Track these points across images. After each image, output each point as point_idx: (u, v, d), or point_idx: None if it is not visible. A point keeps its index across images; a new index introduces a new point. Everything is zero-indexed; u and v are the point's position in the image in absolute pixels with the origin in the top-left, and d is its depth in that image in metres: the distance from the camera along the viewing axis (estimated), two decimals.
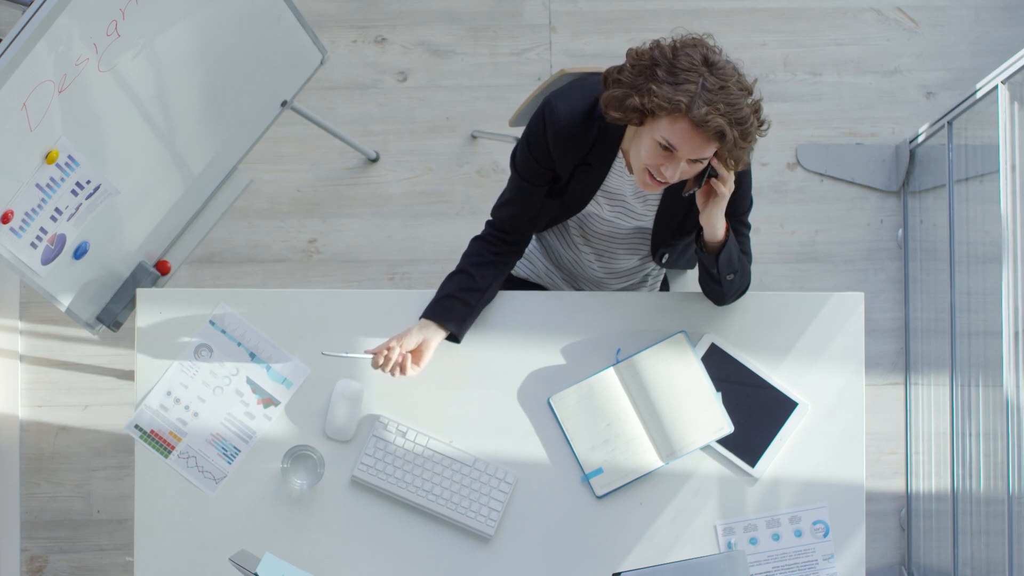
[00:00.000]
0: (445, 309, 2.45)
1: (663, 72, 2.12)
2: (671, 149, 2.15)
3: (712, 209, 2.28)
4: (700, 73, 2.11)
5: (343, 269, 3.43)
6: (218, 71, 2.60)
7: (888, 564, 3.35)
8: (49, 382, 3.37)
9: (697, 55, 2.13)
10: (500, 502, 2.48)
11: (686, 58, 2.12)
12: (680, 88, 2.11)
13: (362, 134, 3.46)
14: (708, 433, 2.49)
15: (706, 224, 2.30)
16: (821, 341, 2.54)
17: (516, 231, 2.48)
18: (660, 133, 2.15)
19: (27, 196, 2.31)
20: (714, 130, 2.10)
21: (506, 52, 3.50)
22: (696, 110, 2.10)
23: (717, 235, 2.33)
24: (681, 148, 2.15)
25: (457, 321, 2.45)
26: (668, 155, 2.17)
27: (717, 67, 2.12)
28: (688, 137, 2.13)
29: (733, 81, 2.13)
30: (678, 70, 2.11)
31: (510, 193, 2.44)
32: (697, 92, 2.10)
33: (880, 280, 3.44)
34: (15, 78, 2.13)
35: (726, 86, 2.11)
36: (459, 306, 2.45)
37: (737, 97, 2.12)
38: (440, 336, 2.44)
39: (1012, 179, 2.75)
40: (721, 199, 2.26)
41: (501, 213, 2.48)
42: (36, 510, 3.33)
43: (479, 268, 2.46)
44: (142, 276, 2.67)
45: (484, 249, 2.48)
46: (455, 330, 2.45)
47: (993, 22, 3.52)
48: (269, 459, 2.50)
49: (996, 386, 2.92)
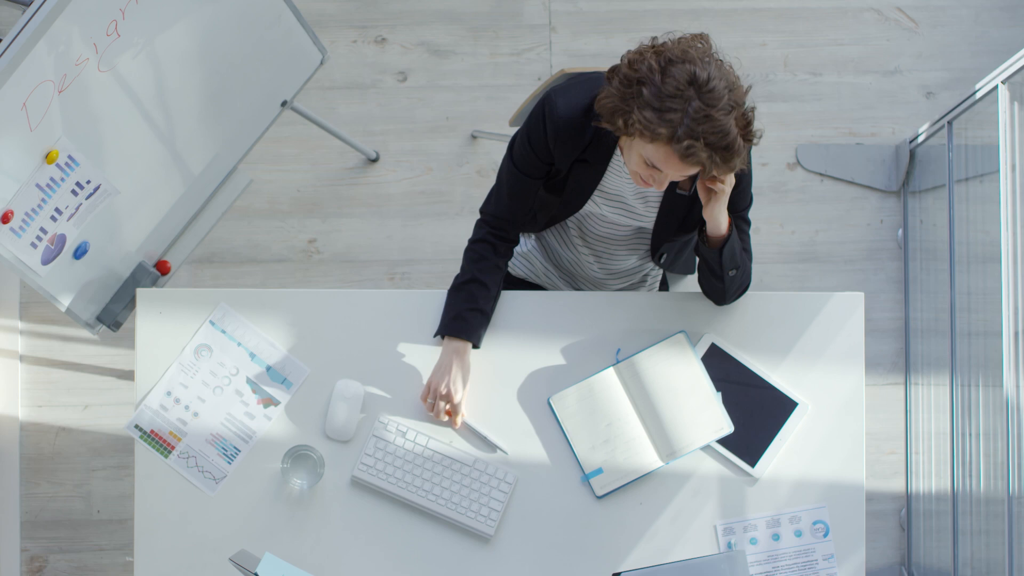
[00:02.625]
0: (468, 323, 2.47)
1: (649, 93, 2.08)
2: (655, 167, 2.16)
3: (714, 204, 2.28)
4: (686, 99, 2.06)
5: (343, 269, 3.43)
6: (218, 71, 2.60)
7: (888, 564, 3.35)
8: (49, 382, 3.37)
9: (685, 74, 2.07)
10: (500, 502, 2.48)
11: (672, 81, 2.07)
12: (663, 117, 2.07)
13: (362, 134, 3.46)
14: (708, 433, 2.49)
15: (709, 218, 2.31)
16: (821, 341, 2.54)
17: (513, 226, 2.48)
18: (644, 152, 2.15)
19: (27, 196, 2.31)
20: (696, 161, 2.10)
21: (506, 52, 3.50)
22: (677, 144, 2.08)
23: (720, 229, 2.33)
24: (664, 169, 2.15)
25: (480, 332, 2.48)
26: (655, 172, 2.17)
27: (706, 88, 2.07)
28: (670, 162, 2.13)
29: (723, 102, 2.07)
30: (664, 95, 2.07)
31: (507, 187, 2.44)
32: (680, 122, 2.06)
33: (880, 280, 3.44)
34: (15, 78, 2.13)
35: (711, 114, 2.06)
36: (479, 316, 2.48)
37: (723, 123, 2.07)
38: (469, 349, 2.48)
39: (1012, 179, 2.75)
40: (722, 194, 2.26)
41: (498, 208, 2.47)
42: (36, 510, 3.33)
43: (488, 275, 2.47)
44: (142, 276, 2.67)
45: (487, 252, 2.48)
46: (478, 341, 2.49)
47: (993, 22, 3.52)
48: (269, 459, 2.50)
49: (996, 386, 2.92)
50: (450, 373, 2.45)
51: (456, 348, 2.46)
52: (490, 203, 2.49)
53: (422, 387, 2.51)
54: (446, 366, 2.45)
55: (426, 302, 2.54)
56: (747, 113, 2.14)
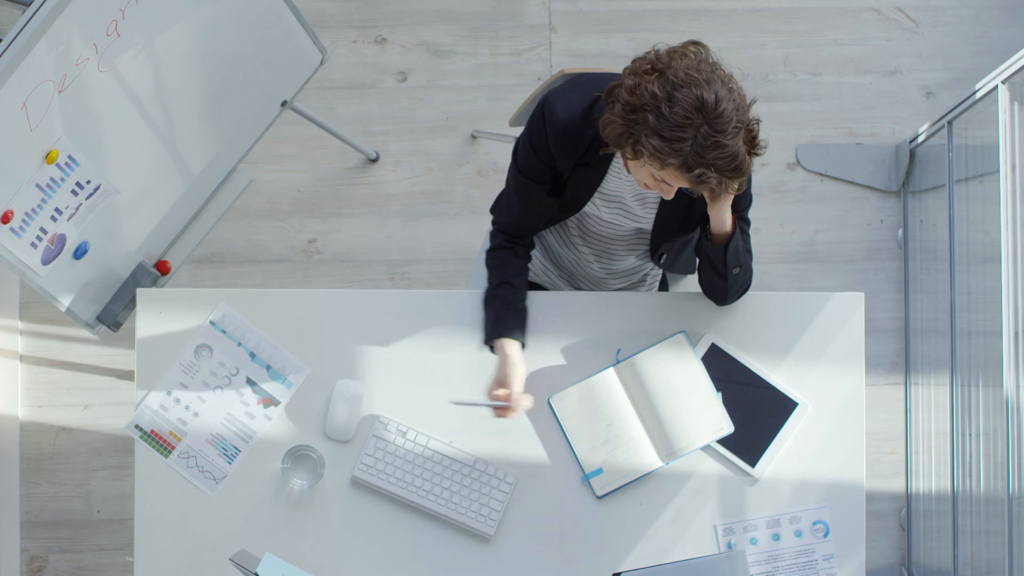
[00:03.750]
0: (505, 324, 2.46)
1: (655, 120, 2.05)
2: (666, 183, 2.16)
3: (719, 203, 2.28)
4: (695, 126, 2.04)
5: (343, 269, 3.43)
6: (218, 71, 2.60)
7: (888, 564, 3.35)
8: (49, 382, 3.37)
9: (691, 99, 2.04)
10: (500, 502, 2.48)
11: (680, 108, 2.04)
12: (673, 147, 2.05)
13: (362, 134, 3.46)
14: (708, 433, 2.49)
15: (714, 216, 2.31)
16: (821, 341, 2.54)
17: (528, 231, 2.49)
18: (654, 171, 2.14)
19: (27, 196, 2.31)
20: (707, 186, 2.10)
21: (506, 52, 3.50)
22: (688, 172, 2.07)
23: (725, 227, 2.33)
24: (676, 185, 2.16)
25: (520, 328, 2.47)
26: (664, 184, 2.17)
27: (714, 113, 2.04)
28: (681, 182, 2.13)
29: (731, 126, 2.05)
30: (671, 124, 2.04)
31: (517, 195, 2.44)
32: (689, 151, 2.05)
33: (880, 280, 3.44)
34: (15, 78, 2.13)
35: (719, 141, 2.04)
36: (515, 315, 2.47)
37: (732, 148, 2.06)
38: (516, 346, 2.46)
39: (1012, 179, 2.75)
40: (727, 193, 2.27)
41: (510, 217, 2.47)
42: (36, 510, 3.33)
43: (515, 277, 2.48)
44: (142, 276, 2.67)
45: (508, 256, 2.48)
46: (523, 336, 2.48)
47: (993, 22, 3.52)
48: (269, 459, 2.50)
49: (996, 386, 2.92)
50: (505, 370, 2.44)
51: (503, 349, 2.46)
52: (501, 212, 2.49)
53: (422, 387, 2.51)
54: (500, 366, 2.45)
55: (426, 302, 2.54)
56: (752, 127, 2.13)
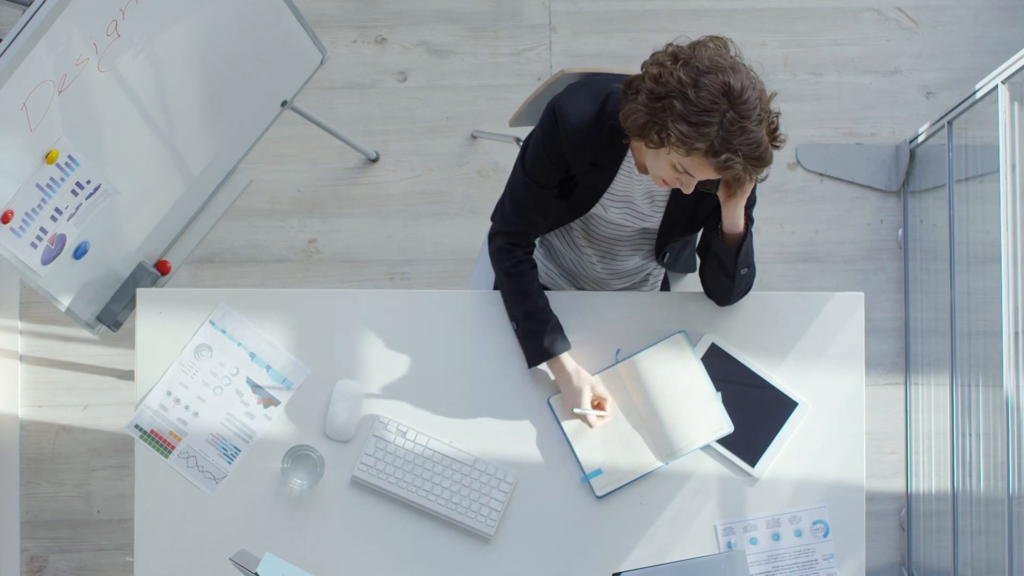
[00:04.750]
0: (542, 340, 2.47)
1: (681, 106, 2.08)
2: (688, 173, 2.16)
3: (735, 203, 2.29)
4: (721, 111, 2.06)
5: (343, 269, 3.43)
6: (218, 71, 2.60)
7: (888, 564, 3.35)
8: (49, 382, 3.37)
9: (718, 84, 2.06)
10: (500, 502, 2.48)
11: (707, 93, 2.06)
12: (700, 131, 2.07)
13: (362, 134, 3.46)
14: (708, 433, 2.49)
15: (728, 216, 2.31)
16: (821, 341, 2.54)
17: (533, 235, 2.49)
18: (677, 160, 2.15)
19: (27, 196, 2.31)
20: (732, 173, 2.11)
21: (506, 52, 3.50)
22: (715, 157, 2.08)
23: (738, 226, 2.34)
24: (697, 175, 2.16)
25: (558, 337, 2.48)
26: (685, 176, 2.17)
27: (740, 99, 2.07)
28: (705, 171, 2.14)
29: (755, 113, 2.08)
30: (698, 109, 2.07)
31: (526, 201, 2.42)
32: (716, 135, 2.07)
33: (880, 280, 3.44)
34: (15, 78, 2.13)
35: (745, 126, 2.07)
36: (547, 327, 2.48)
37: (757, 134, 2.08)
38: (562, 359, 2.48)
39: (1012, 179, 2.75)
40: (743, 193, 2.27)
41: (520, 225, 2.46)
42: (36, 510, 3.33)
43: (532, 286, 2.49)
44: (142, 276, 2.67)
45: (522, 269, 2.48)
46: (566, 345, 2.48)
47: (993, 22, 3.52)
48: (269, 459, 2.50)
49: (996, 386, 2.92)
50: (571, 387, 2.46)
51: (554, 367, 2.48)
52: (506, 221, 2.47)
53: (422, 387, 2.51)
54: (563, 384, 2.48)
55: (426, 302, 2.54)
56: (774, 119, 2.15)
